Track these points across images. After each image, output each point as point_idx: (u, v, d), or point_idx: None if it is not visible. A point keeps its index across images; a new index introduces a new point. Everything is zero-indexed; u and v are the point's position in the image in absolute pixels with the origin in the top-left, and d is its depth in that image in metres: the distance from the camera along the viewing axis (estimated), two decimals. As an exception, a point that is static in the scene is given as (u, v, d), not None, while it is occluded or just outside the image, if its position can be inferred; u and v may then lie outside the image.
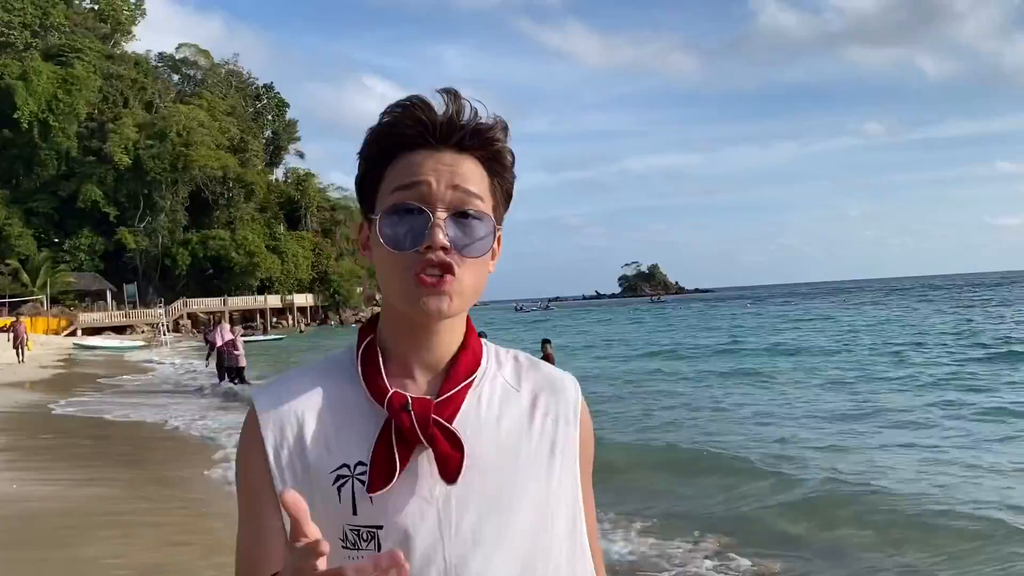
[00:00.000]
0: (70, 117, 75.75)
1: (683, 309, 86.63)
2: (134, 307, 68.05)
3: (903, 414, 13.67)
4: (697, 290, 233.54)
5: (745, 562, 6.48)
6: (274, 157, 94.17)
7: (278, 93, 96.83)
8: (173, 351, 39.91)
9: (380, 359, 1.09)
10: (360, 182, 1.11)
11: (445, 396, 1.06)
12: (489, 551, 1.04)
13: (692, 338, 38.49)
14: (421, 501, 1.04)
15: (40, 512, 7.67)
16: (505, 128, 1.10)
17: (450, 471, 1.03)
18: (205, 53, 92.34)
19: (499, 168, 1.10)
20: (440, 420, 1.04)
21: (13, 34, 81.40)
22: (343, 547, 1.03)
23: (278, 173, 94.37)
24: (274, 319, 75.68)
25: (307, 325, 78.41)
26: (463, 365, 1.10)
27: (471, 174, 1.07)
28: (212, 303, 72.96)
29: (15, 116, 72.54)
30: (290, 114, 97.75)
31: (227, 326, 22.07)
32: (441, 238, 1.03)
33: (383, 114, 1.09)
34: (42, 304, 62.38)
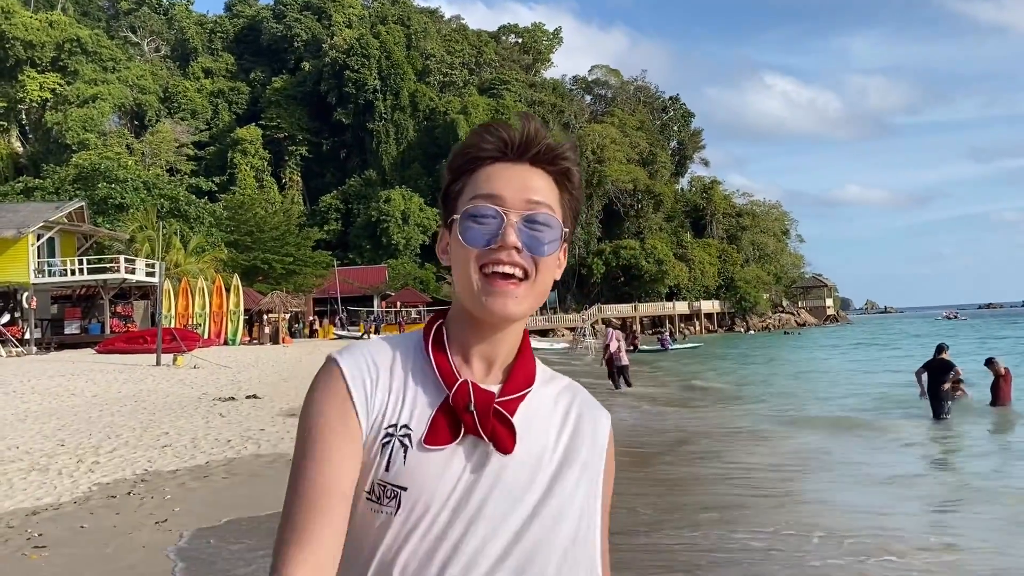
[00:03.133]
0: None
1: None
2: (555, 312, 74.45)
3: None
4: None
5: None
6: (679, 167, 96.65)
7: (683, 104, 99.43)
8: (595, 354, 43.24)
9: (446, 343, 1.20)
10: (444, 191, 1.23)
11: (505, 399, 1.16)
12: (496, 530, 1.11)
13: None
14: (448, 473, 1.12)
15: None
16: (574, 149, 1.22)
17: (505, 449, 1.14)
18: (615, 72, 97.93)
19: (568, 184, 1.21)
20: (500, 410, 1.15)
21: (454, 73, 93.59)
22: (367, 498, 1.13)
23: (683, 182, 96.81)
24: (681, 325, 77.89)
25: (712, 331, 79.47)
26: (520, 375, 1.20)
27: (541, 187, 1.18)
28: (624, 309, 77.18)
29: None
30: (693, 122, 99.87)
31: (619, 332, 22.74)
32: (513, 238, 1.13)
33: (469, 135, 1.21)
34: (482, 309, 71.04)
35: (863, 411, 16.31)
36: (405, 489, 1.11)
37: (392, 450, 1.13)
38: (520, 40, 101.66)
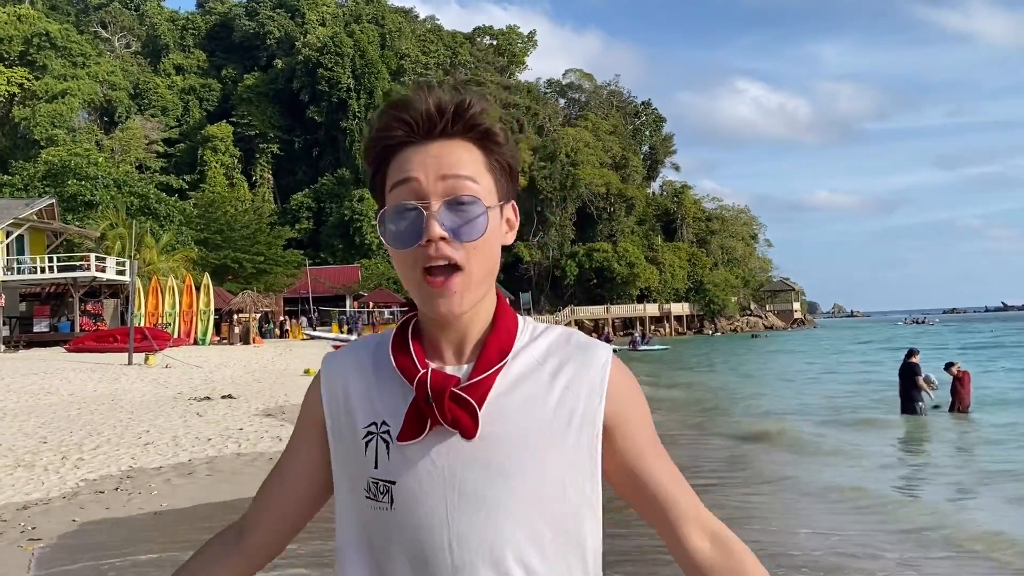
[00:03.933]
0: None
1: None
2: (529, 314, 74.58)
3: None
4: None
5: None
6: (651, 171, 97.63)
7: (655, 109, 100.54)
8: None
9: (409, 338, 1.16)
10: (371, 183, 1.17)
11: (473, 381, 1.11)
12: (491, 513, 1.09)
13: None
14: (429, 463, 1.10)
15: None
16: (481, 100, 1.13)
17: (468, 434, 1.10)
18: (589, 76, 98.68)
19: (492, 145, 1.13)
20: (458, 392, 1.10)
21: (429, 74, 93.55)
22: (366, 496, 1.14)
23: (654, 186, 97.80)
24: (652, 326, 78.70)
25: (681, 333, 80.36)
26: (493, 350, 1.14)
27: (460, 159, 1.10)
28: (596, 311, 77.94)
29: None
30: (665, 127, 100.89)
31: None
32: (437, 230, 1.07)
33: (374, 122, 1.15)
34: (454, 310, 71.25)
35: (800, 417, 16.24)
36: (394, 483, 1.11)
37: (377, 448, 1.13)
38: (495, 42, 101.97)
